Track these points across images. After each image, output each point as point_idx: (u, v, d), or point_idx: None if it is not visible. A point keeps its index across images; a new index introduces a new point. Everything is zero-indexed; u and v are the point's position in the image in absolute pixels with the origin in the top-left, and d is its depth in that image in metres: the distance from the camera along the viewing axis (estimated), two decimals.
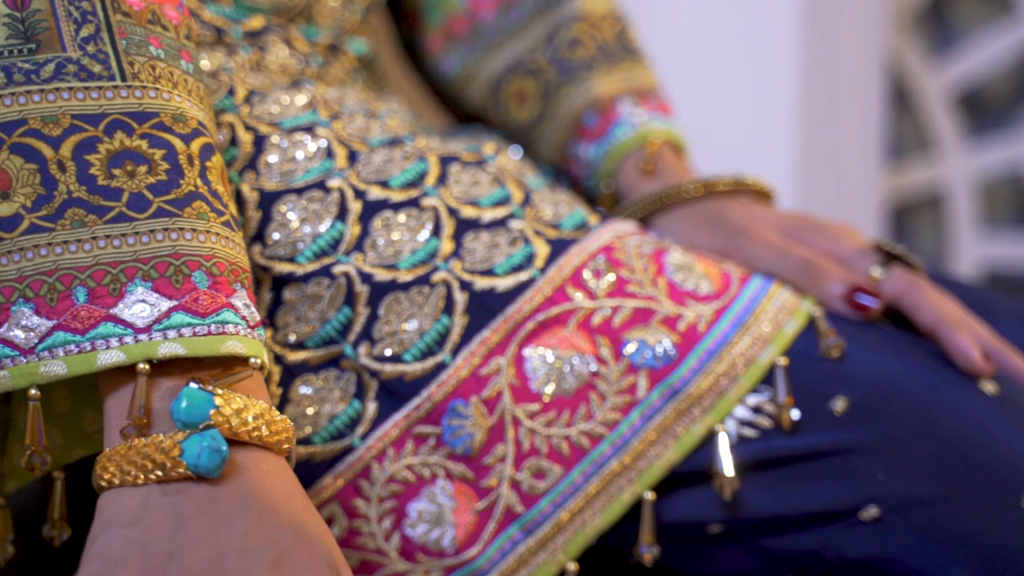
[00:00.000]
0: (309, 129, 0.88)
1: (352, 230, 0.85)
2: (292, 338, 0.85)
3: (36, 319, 0.70)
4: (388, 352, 0.84)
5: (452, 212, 0.87)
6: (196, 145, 0.74)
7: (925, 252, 2.06)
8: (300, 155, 0.87)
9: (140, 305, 0.70)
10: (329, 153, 0.87)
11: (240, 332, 0.72)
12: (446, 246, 0.86)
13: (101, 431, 0.81)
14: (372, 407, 0.84)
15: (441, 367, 0.84)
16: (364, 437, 0.84)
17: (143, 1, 0.76)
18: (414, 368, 0.84)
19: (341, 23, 1.02)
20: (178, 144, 0.73)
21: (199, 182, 0.74)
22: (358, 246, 0.85)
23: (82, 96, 0.73)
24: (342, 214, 0.85)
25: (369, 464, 0.84)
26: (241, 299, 0.73)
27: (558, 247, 0.87)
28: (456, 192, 0.88)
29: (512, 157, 0.99)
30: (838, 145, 1.73)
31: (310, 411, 0.84)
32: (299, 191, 0.85)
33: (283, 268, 0.84)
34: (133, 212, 0.72)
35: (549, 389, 0.84)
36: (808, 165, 1.68)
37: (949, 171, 2.03)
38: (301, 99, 0.90)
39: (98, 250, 0.71)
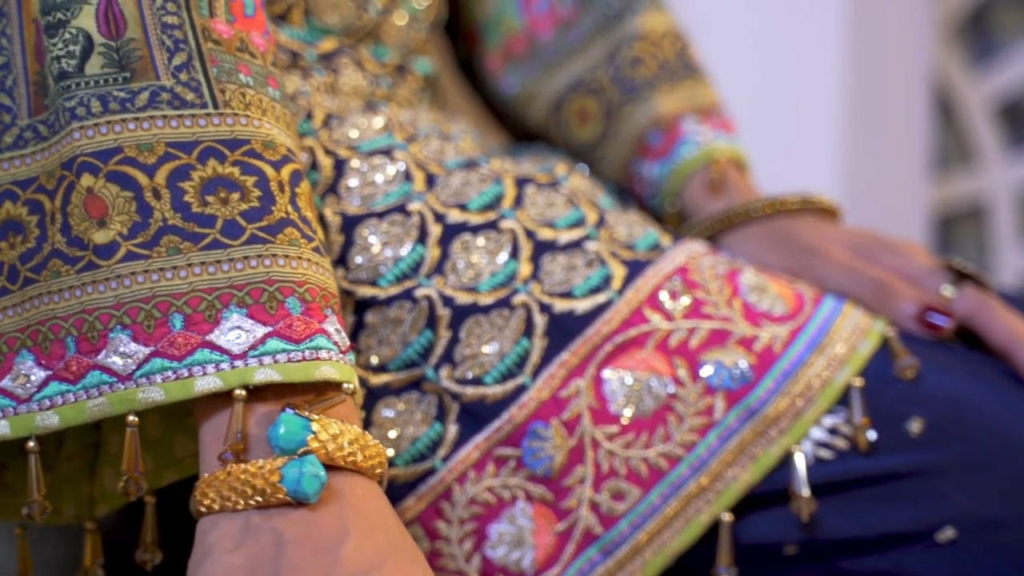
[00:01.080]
0: (387, 152, 0.89)
1: (432, 253, 0.86)
2: (374, 361, 0.85)
3: (133, 346, 0.71)
4: (469, 375, 0.85)
5: (529, 234, 0.88)
6: (286, 172, 0.75)
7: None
8: (380, 178, 0.87)
9: (236, 331, 0.71)
10: (407, 176, 0.88)
11: (333, 358, 0.72)
12: (524, 268, 0.86)
13: (192, 456, 0.82)
14: (453, 430, 0.85)
15: (521, 389, 0.84)
16: (445, 459, 0.85)
17: (231, 28, 0.77)
18: (495, 390, 0.84)
19: (407, 43, 1.03)
20: (269, 171, 0.74)
21: (290, 208, 0.74)
22: (439, 269, 0.86)
23: (176, 124, 0.74)
24: (422, 237, 0.86)
25: (450, 486, 0.85)
26: (332, 324, 0.74)
27: (634, 268, 0.88)
28: (532, 214, 0.89)
29: (583, 177, 1.00)
30: (884, 157, 1.73)
31: (392, 434, 0.85)
32: (380, 215, 0.86)
33: (366, 292, 0.85)
34: (227, 239, 0.72)
35: (628, 411, 0.84)
36: (854, 177, 1.68)
37: (991, 182, 2.04)
38: (378, 122, 0.91)
39: (193, 277, 0.72)
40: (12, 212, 0.75)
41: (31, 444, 0.73)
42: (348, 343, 0.75)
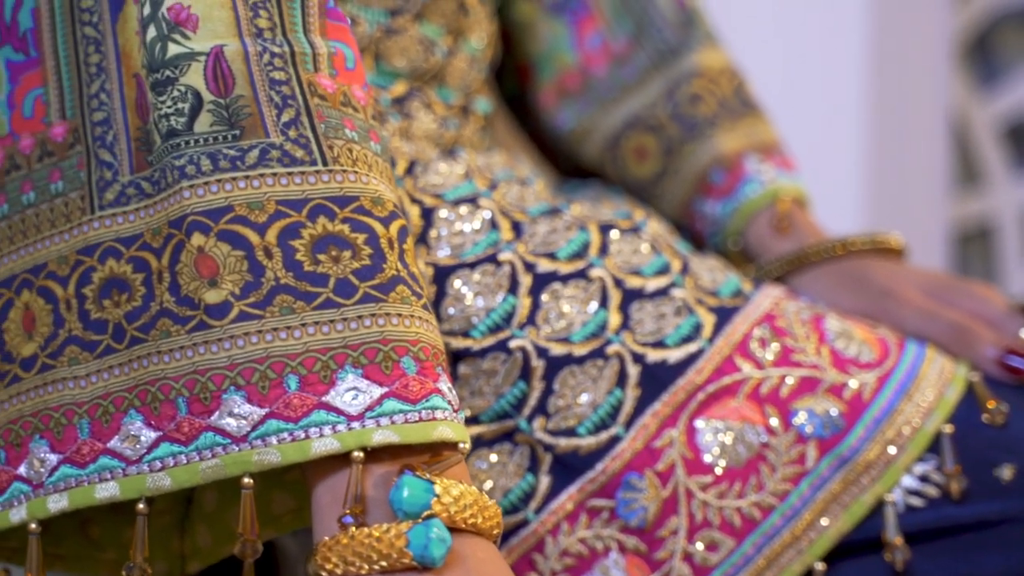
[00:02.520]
0: (473, 200, 0.88)
1: (524, 303, 0.85)
2: (467, 413, 0.85)
3: (248, 407, 0.70)
4: (563, 425, 0.84)
5: (618, 283, 0.87)
6: (394, 228, 0.74)
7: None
8: (467, 228, 0.87)
9: (352, 392, 0.70)
10: (494, 224, 0.88)
11: (448, 417, 0.72)
12: (614, 317, 0.86)
13: (290, 513, 0.81)
14: (545, 481, 0.84)
15: (615, 440, 0.84)
16: (538, 511, 0.84)
17: (335, 83, 0.76)
18: (588, 441, 0.84)
19: (468, 83, 1.03)
20: (378, 228, 0.74)
21: (400, 266, 0.74)
22: (531, 319, 0.85)
23: (286, 181, 0.73)
24: (513, 287, 0.86)
25: (543, 538, 0.84)
26: (445, 383, 0.73)
27: (722, 316, 0.88)
28: (619, 261, 0.89)
29: (659, 221, 1.00)
30: (905, 178, 1.74)
31: (486, 485, 0.84)
32: (472, 265, 0.85)
33: (459, 343, 0.84)
34: (340, 298, 0.72)
35: (721, 461, 0.84)
36: (876, 199, 1.69)
37: (998, 202, 2.05)
38: (459, 169, 0.90)
39: (308, 337, 0.71)
40: (116, 270, 0.74)
41: (141, 507, 0.72)
42: (458, 401, 0.74)
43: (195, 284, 0.71)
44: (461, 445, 0.72)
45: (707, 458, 0.84)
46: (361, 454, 0.70)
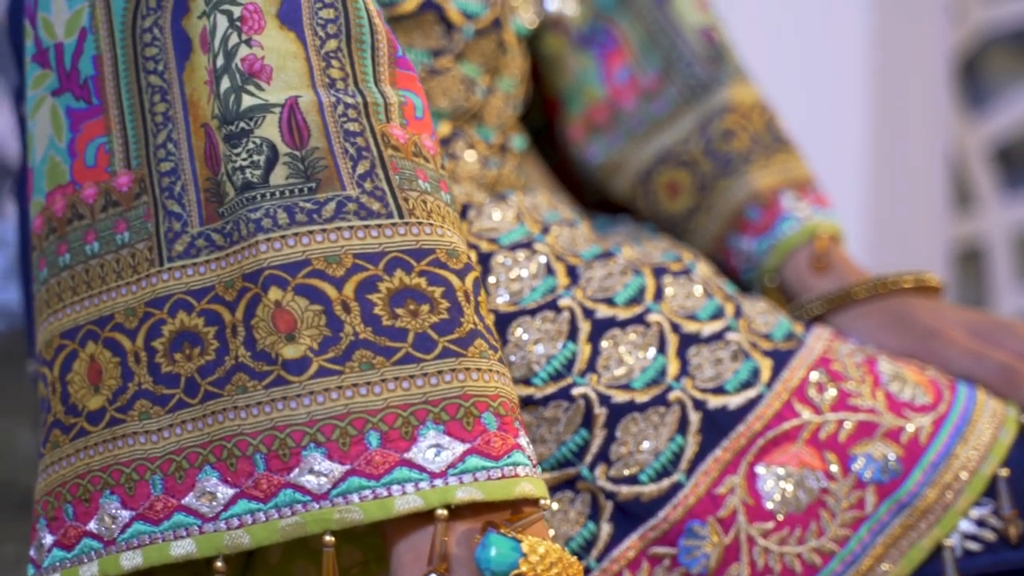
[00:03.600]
0: (528, 245, 0.88)
1: (584, 349, 0.85)
2: None
3: (328, 464, 0.69)
4: (624, 473, 0.84)
5: (675, 327, 0.87)
6: (469, 280, 0.74)
7: (966, 304, 2.08)
8: (525, 273, 0.86)
9: (434, 449, 0.70)
10: (550, 269, 0.87)
11: (529, 473, 0.71)
12: (673, 363, 0.86)
13: (358, 566, 0.81)
14: (607, 529, 0.84)
15: (677, 487, 0.84)
16: (600, 559, 0.84)
17: (406, 133, 0.76)
18: (650, 489, 0.84)
19: (504, 120, 1.02)
20: (454, 281, 0.73)
21: (476, 319, 0.73)
22: (591, 366, 0.85)
23: (362, 235, 0.72)
24: (573, 334, 0.85)
25: None
26: (524, 438, 0.72)
27: (778, 360, 0.88)
28: (674, 306, 0.88)
29: (706, 263, 0.99)
30: (906, 199, 1.75)
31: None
32: (532, 312, 0.85)
33: (521, 391, 0.84)
34: (419, 353, 0.71)
35: (782, 507, 0.84)
36: (878, 220, 1.69)
37: (988, 225, 2.06)
38: (511, 213, 0.90)
39: (388, 393, 0.70)
40: (187, 323, 0.73)
41: (219, 564, 0.71)
42: (535, 456, 0.73)
43: (272, 339, 0.71)
44: (542, 501, 0.71)
45: (768, 504, 0.84)
46: (445, 512, 0.69)
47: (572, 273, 0.87)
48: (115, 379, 0.74)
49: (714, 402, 0.85)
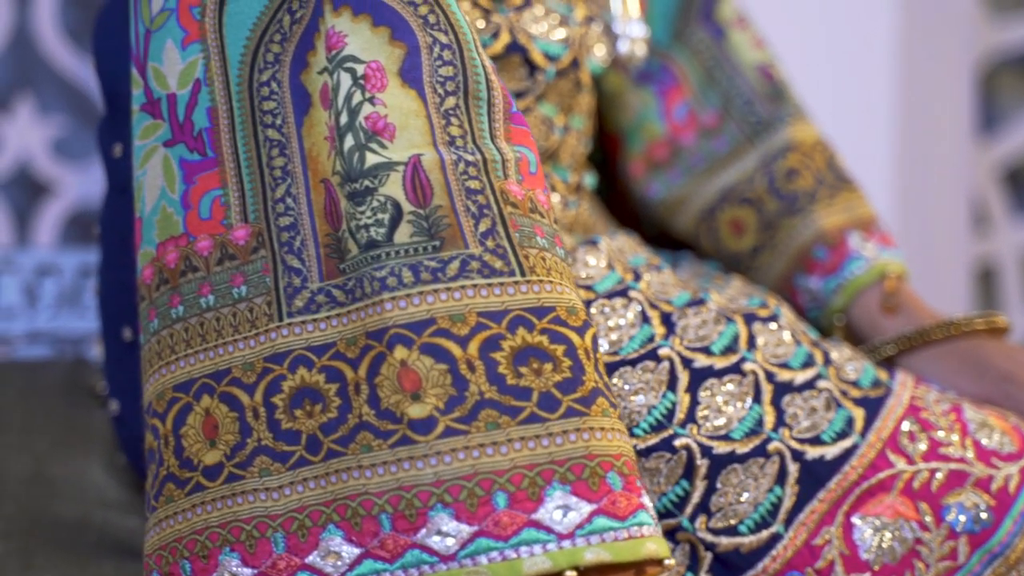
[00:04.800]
0: (623, 293, 0.88)
1: (683, 399, 0.85)
2: None
3: (455, 525, 0.70)
4: (724, 524, 0.84)
5: (769, 376, 0.88)
6: (588, 337, 0.74)
7: None
8: (622, 322, 0.87)
9: (561, 510, 0.70)
10: (645, 318, 0.87)
11: (654, 533, 0.72)
12: (769, 412, 0.86)
13: None
14: None
15: (776, 538, 0.84)
16: None
17: (522, 189, 0.76)
18: (750, 540, 0.84)
19: (576, 158, 1.03)
20: (575, 338, 0.73)
21: (596, 376, 0.73)
22: (691, 416, 0.85)
23: (486, 293, 0.72)
24: (672, 384, 0.85)
25: None
26: (647, 497, 0.73)
27: (870, 409, 0.88)
28: (767, 354, 0.89)
29: (789, 308, 1.00)
30: (930, 215, 1.76)
31: None
32: (632, 362, 0.85)
33: None
34: (544, 412, 0.71)
35: (878, 557, 0.85)
36: (904, 236, 1.71)
37: (998, 245, 2.08)
38: (603, 260, 0.90)
39: (514, 453, 0.70)
40: (308, 379, 0.73)
41: None
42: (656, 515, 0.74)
43: (397, 397, 0.71)
44: (667, 561, 0.72)
45: (864, 555, 0.85)
46: (573, 573, 0.69)
47: (667, 321, 0.88)
48: (233, 434, 0.74)
49: (812, 453, 0.86)
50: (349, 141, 0.73)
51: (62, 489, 1.00)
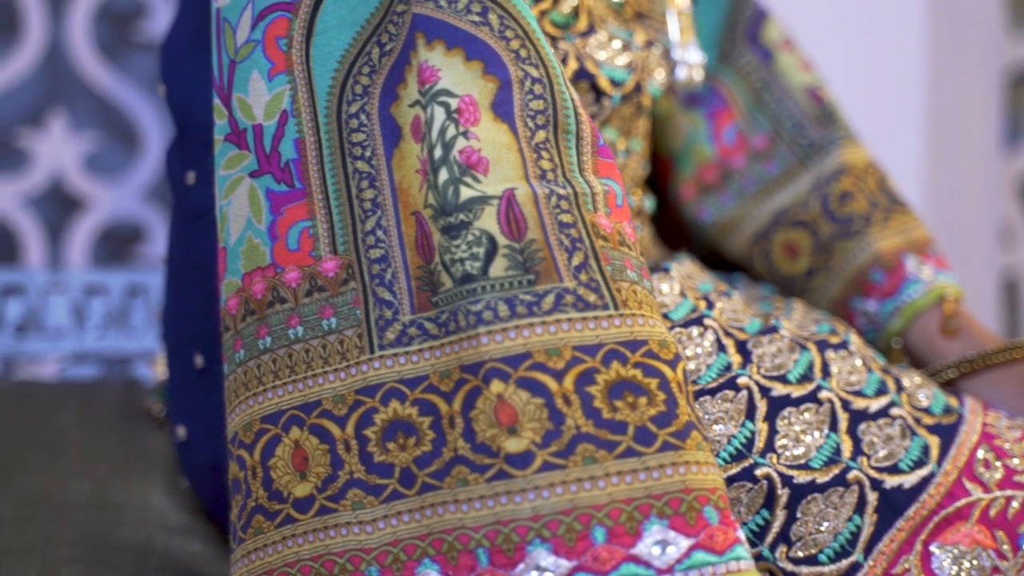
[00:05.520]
0: (699, 321, 0.88)
1: (761, 428, 0.85)
2: None
3: (554, 559, 0.70)
4: (804, 553, 0.84)
5: (845, 404, 0.88)
6: (680, 371, 0.74)
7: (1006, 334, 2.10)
8: (699, 351, 0.87)
9: (659, 544, 0.70)
10: (721, 346, 0.88)
11: (749, 567, 0.72)
12: (845, 441, 0.86)
13: None
14: None
15: (856, 567, 0.84)
16: None
17: (610, 222, 0.76)
18: (829, 569, 0.84)
19: (636, 181, 1.03)
20: (668, 372, 0.73)
21: (690, 410, 0.73)
22: (770, 445, 0.85)
23: (580, 327, 0.72)
24: (751, 412, 0.86)
25: None
26: (741, 531, 0.73)
27: (944, 437, 0.88)
28: (841, 382, 0.89)
29: (857, 333, 1.00)
30: (957, 225, 1.77)
31: None
32: (712, 391, 0.85)
33: None
34: (641, 446, 0.71)
35: None
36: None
37: (1020, 258, 2.08)
38: (675, 287, 0.90)
39: (612, 487, 0.70)
40: (400, 412, 0.73)
41: None
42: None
43: (493, 431, 0.71)
44: None
45: None
46: None
47: (742, 349, 0.88)
48: (324, 466, 0.74)
49: (890, 481, 0.86)
50: (443, 175, 0.73)
51: (124, 514, 1.00)
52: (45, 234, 1.43)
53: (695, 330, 0.87)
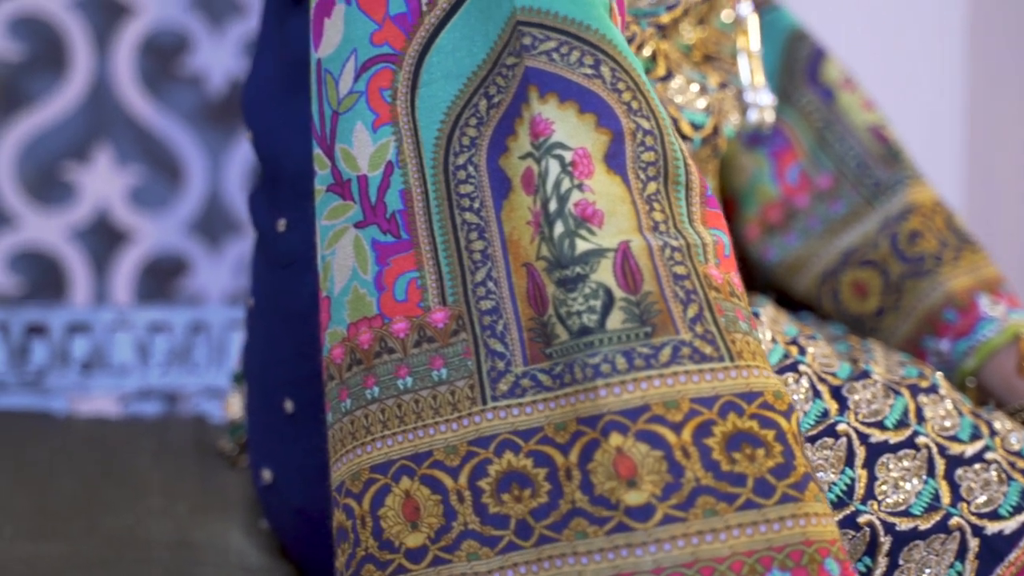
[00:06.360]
0: (793, 368, 0.88)
1: (861, 475, 0.86)
2: None
3: None
4: None
5: (941, 450, 0.88)
6: (795, 421, 0.74)
7: None
8: (797, 398, 0.87)
9: None
10: (816, 392, 0.88)
11: None
12: (944, 487, 0.87)
13: None
14: None
15: None
16: None
17: (720, 272, 0.76)
18: None
19: None
20: (783, 423, 0.74)
21: (805, 461, 0.74)
22: (870, 493, 0.85)
23: (697, 379, 0.73)
24: (850, 460, 0.86)
25: None
26: None
27: None
28: (936, 427, 0.89)
29: (943, 376, 1.00)
30: (999, 230, 1.78)
31: None
32: (812, 439, 0.85)
33: None
34: (760, 498, 0.71)
35: None
36: None
37: None
38: (767, 333, 0.90)
39: (732, 540, 0.71)
40: (515, 463, 0.73)
41: None
42: None
43: (611, 484, 0.71)
44: None
45: None
46: None
47: (836, 395, 0.88)
48: (436, 517, 0.74)
49: (991, 527, 0.86)
50: (559, 227, 0.73)
51: (205, 554, 1.00)
52: (91, 267, 1.43)
53: (790, 376, 0.87)
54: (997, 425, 0.92)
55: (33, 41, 1.44)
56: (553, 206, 0.73)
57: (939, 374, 0.96)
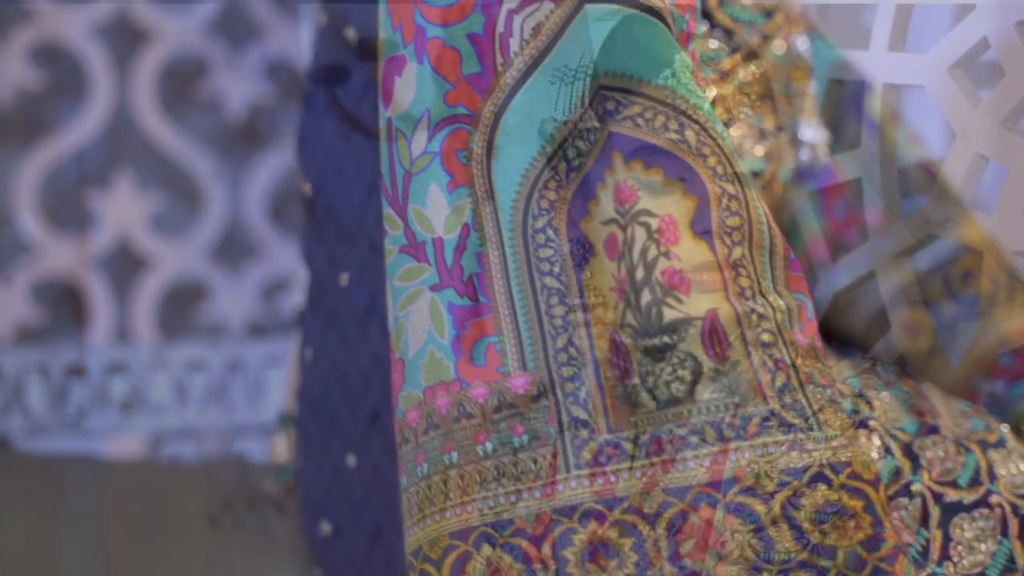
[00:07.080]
0: (864, 425, 0.87)
1: (936, 536, 0.85)
2: None
3: None
4: None
5: (1014, 509, 0.87)
6: (882, 491, 0.74)
7: None
8: (873, 455, 0.86)
9: None
10: (888, 450, 0.87)
11: None
12: (1018, 547, 0.86)
13: None
14: None
15: None
16: None
17: (805, 337, 0.75)
18: None
19: None
20: (872, 493, 0.73)
21: (894, 532, 0.73)
22: (944, 554, 0.84)
23: (785, 449, 0.72)
24: (925, 520, 0.85)
25: None
26: None
27: None
28: (1008, 484, 0.88)
29: (1009, 430, 0.99)
30: None
31: None
32: (888, 498, 0.84)
33: None
34: (851, 572, 0.70)
35: None
36: None
37: None
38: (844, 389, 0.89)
39: None
40: (599, 533, 0.72)
41: None
42: None
43: (701, 557, 0.70)
44: None
45: None
46: None
47: (908, 452, 0.87)
48: None
49: None
50: (646, 296, 0.72)
51: None
52: (112, 293, 1.42)
53: (860, 434, 0.86)
54: None
55: (53, 69, 1.42)
56: (640, 274, 0.72)
57: (1005, 427, 0.95)
